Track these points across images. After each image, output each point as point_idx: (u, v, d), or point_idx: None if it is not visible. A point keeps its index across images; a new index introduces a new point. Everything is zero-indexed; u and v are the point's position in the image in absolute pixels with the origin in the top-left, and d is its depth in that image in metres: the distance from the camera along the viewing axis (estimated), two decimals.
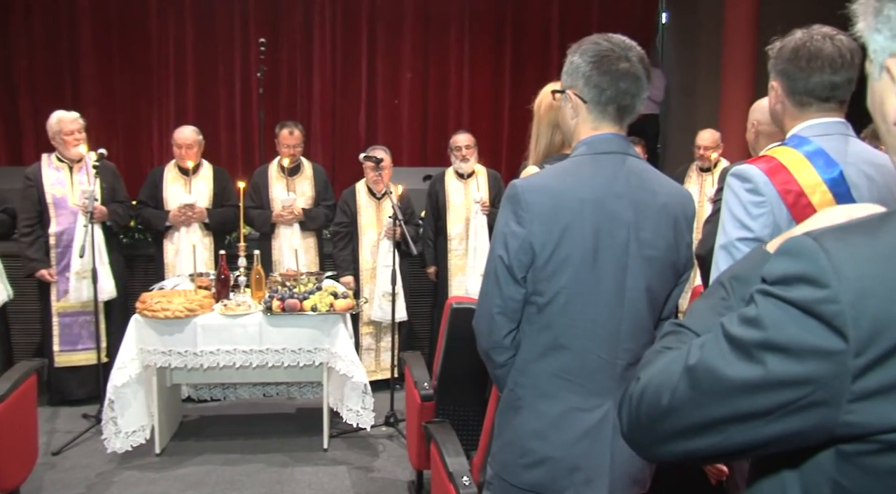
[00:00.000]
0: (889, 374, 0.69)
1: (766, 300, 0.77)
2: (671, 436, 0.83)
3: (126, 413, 3.61)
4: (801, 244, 0.75)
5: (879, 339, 0.69)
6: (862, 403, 0.71)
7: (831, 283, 0.71)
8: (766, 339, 0.75)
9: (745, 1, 6.08)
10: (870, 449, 0.73)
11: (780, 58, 1.71)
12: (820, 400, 0.72)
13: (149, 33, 6.82)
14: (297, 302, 3.73)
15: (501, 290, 1.59)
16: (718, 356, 0.79)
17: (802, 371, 0.73)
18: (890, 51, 0.81)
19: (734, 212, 1.68)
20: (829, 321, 0.71)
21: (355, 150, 6.26)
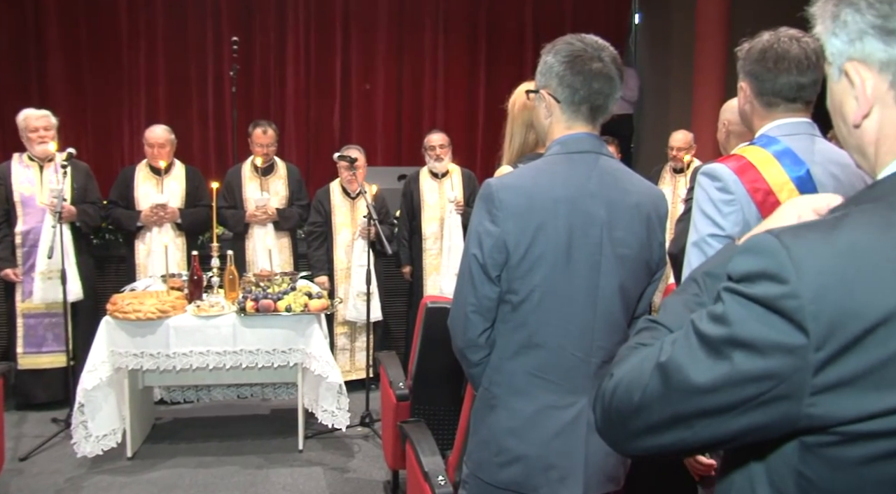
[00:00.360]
0: (847, 367, 0.71)
1: (731, 297, 0.78)
2: (642, 432, 0.85)
3: (97, 416, 3.56)
4: (763, 241, 0.77)
5: (838, 333, 0.71)
6: (823, 396, 0.73)
7: (791, 279, 0.73)
8: (731, 335, 0.77)
9: (716, 2, 6.15)
10: (831, 441, 0.74)
11: (748, 59, 1.75)
12: (783, 394, 0.74)
13: (119, 31, 6.73)
14: (272, 303, 3.70)
15: (476, 289, 1.59)
16: (688, 353, 0.80)
17: (766, 366, 0.74)
18: (847, 55, 0.82)
19: (705, 210, 1.70)
20: (790, 316, 0.73)
21: (329, 150, 6.22)
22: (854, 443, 0.73)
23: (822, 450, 0.75)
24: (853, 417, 0.72)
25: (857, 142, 0.86)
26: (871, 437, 0.72)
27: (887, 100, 0.80)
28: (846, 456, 0.74)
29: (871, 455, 0.73)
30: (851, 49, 0.82)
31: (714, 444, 0.82)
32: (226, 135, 6.86)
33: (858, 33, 0.80)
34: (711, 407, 0.78)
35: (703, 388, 0.78)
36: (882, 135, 0.82)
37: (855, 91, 0.83)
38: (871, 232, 0.73)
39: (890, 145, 0.81)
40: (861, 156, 0.87)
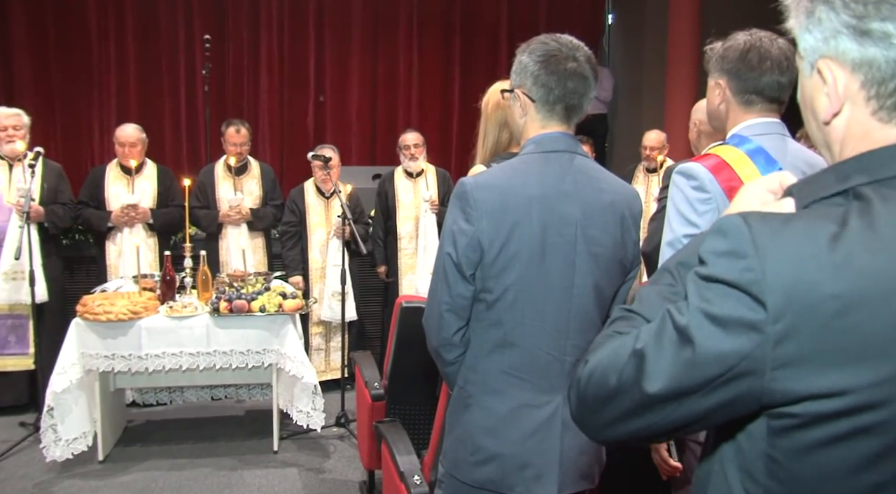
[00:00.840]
0: (804, 342, 0.73)
1: (697, 280, 0.81)
2: (617, 417, 0.86)
3: (66, 419, 3.50)
4: (729, 221, 0.79)
5: (794, 305, 0.73)
6: (783, 370, 0.75)
7: (749, 254, 0.76)
8: (696, 315, 0.79)
9: (688, 3, 6.22)
10: (794, 424, 0.76)
11: (727, 57, 1.75)
12: (747, 369, 0.76)
13: (88, 29, 6.64)
14: (245, 303, 3.67)
15: (450, 288, 1.59)
16: (660, 340, 0.82)
17: (730, 342, 0.76)
18: (820, 52, 0.83)
19: (680, 209, 1.71)
20: (748, 289, 0.75)
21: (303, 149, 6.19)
22: (816, 425, 0.75)
23: (789, 434, 0.77)
24: (813, 393, 0.74)
25: (825, 139, 0.87)
26: (831, 417, 0.74)
27: (857, 100, 0.82)
28: (810, 439, 0.76)
29: (834, 436, 0.74)
30: (825, 47, 0.82)
31: (685, 425, 0.83)
32: (198, 134, 6.80)
33: (833, 31, 0.81)
34: (681, 389, 0.80)
35: (673, 370, 0.80)
36: (849, 133, 0.83)
37: (827, 88, 0.84)
38: (826, 219, 0.76)
39: (854, 144, 0.83)
40: (827, 151, 0.88)
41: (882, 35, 0.77)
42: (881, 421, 0.73)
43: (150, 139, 4.71)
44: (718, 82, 1.78)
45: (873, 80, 0.80)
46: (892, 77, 0.79)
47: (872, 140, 0.81)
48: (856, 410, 0.73)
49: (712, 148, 1.80)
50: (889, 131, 0.80)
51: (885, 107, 0.80)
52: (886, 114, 0.80)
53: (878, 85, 0.80)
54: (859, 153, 0.82)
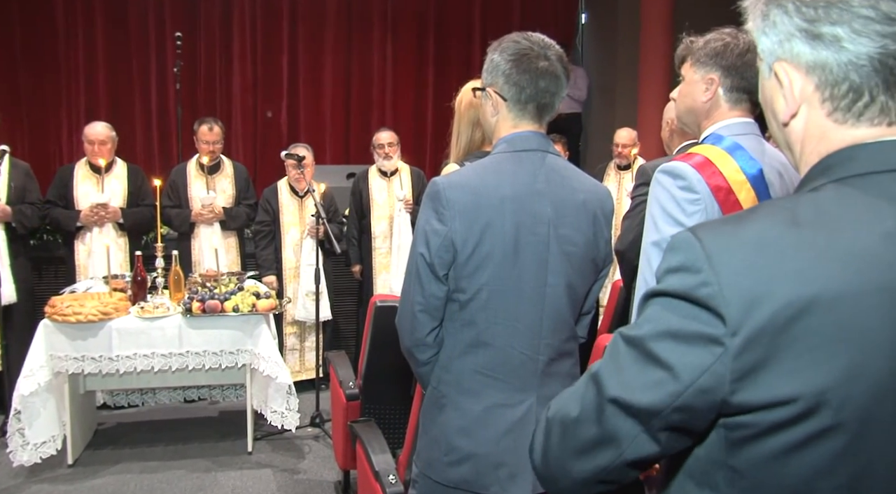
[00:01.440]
0: (761, 352, 0.74)
1: (653, 300, 0.82)
2: (581, 451, 0.85)
3: (34, 423, 3.44)
4: (680, 238, 0.80)
5: (750, 318, 0.74)
6: (742, 382, 0.75)
7: (703, 268, 0.76)
8: (653, 333, 0.80)
9: (660, 2, 6.27)
10: (751, 434, 0.77)
11: (726, 54, 1.73)
12: (708, 384, 0.76)
13: (55, 25, 6.52)
14: (218, 304, 3.64)
15: (423, 288, 1.59)
16: (616, 357, 0.83)
17: (690, 357, 0.77)
18: (777, 55, 0.84)
19: (667, 209, 1.68)
20: (706, 303, 0.75)
21: (277, 148, 6.15)
22: (772, 434, 0.75)
23: (746, 444, 0.78)
24: (768, 401, 0.74)
25: (785, 139, 0.89)
26: (787, 425, 0.74)
27: (813, 102, 0.83)
28: (768, 448, 0.76)
29: (791, 444, 0.75)
30: (780, 49, 0.84)
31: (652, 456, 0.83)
32: (170, 133, 6.71)
33: (787, 35, 0.82)
34: (645, 407, 0.80)
35: (634, 390, 0.80)
36: (807, 134, 0.85)
37: (783, 91, 0.85)
38: (775, 224, 0.77)
39: (814, 145, 0.84)
40: (789, 151, 0.90)
41: (832, 39, 0.79)
42: (834, 425, 0.73)
43: (121, 138, 4.63)
44: (711, 77, 1.75)
45: (826, 83, 0.81)
46: (843, 79, 0.80)
47: (830, 140, 0.82)
48: (809, 416, 0.73)
49: (694, 147, 1.79)
50: (845, 132, 0.82)
51: (839, 108, 0.81)
52: (841, 115, 0.81)
53: (832, 87, 0.81)
54: (819, 158, 0.83)
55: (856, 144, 0.80)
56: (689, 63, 1.82)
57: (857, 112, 0.80)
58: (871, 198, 0.77)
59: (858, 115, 0.81)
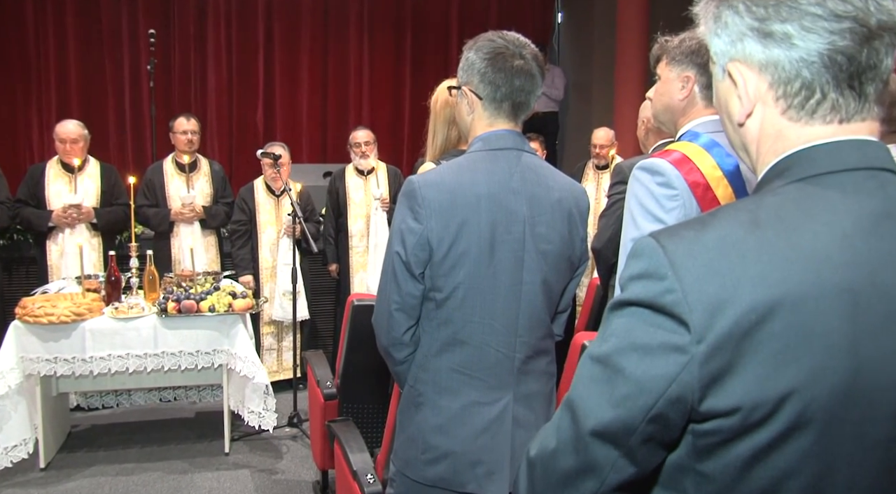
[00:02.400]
0: (727, 358, 0.74)
1: (617, 310, 0.81)
2: (564, 483, 0.84)
3: (5, 426, 3.38)
4: (643, 243, 0.80)
5: (715, 324, 0.73)
6: (709, 389, 0.75)
7: (668, 275, 0.76)
8: (618, 347, 0.79)
9: (636, 2, 6.32)
10: (718, 441, 0.77)
11: (702, 52, 1.73)
12: (676, 393, 0.76)
13: (24, 22, 6.41)
14: (194, 304, 3.61)
15: (399, 287, 1.59)
16: (585, 380, 0.82)
17: (657, 368, 0.76)
18: (729, 55, 0.85)
19: (646, 206, 1.68)
20: (671, 311, 0.75)
21: (253, 146, 6.11)
22: (739, 439, 0.76)
23: (714, 450, 0.78)
24: (735, 407, 0.74)
25: (741, 140, 0.89)
26: (752, 429, 0.75)
27: (767, 101, 0.84)
28: (735, 453, 0.76)
29: (757, 448, 0.75)
30: (733, 50, 0.84)
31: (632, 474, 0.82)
32: (144, 131, 6.64)
33: (739, 35, 0.83)
34: (619, 425, 0.79)
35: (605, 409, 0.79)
36: (763, 134, 0.85)
37: (738, 91, 0.86)
38: (737, 226, 0.77)
39: (770, 144, 0.85)
40: (745, 153, 0.90)
41: (783, 36, 0.80)
42: (800, 426, 0.74)
43: (94, 136, 4.57)
44: (687, 75, 1.77)
45: (779, 81, 0.82)
46: (796, 77, 0.80)
47: (786, 139, 0.83)
48: (776, 419, 0.74)
49: (672, 144, 1.81)
50: (800, 130, 0.82)
51: (793, 106, 0.82)
52: (795, 112, 0.82)
53: (785, 85, 0.81)
54: (776, 157, 0.84)
55: (813, 145, 0.81)
56: (664, 62, 1.83)
57: (810, 109, 0.81)
58: (830, 199, 0.78)
59: (811, 113, 0.81)
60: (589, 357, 0.83)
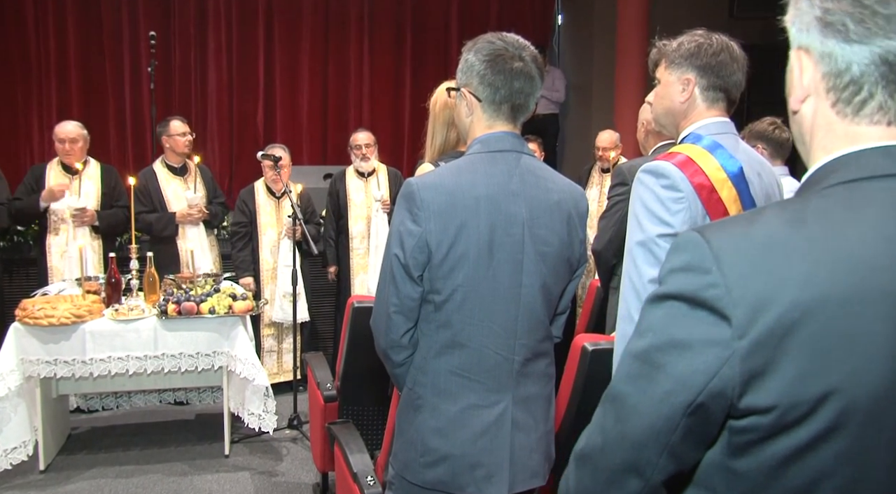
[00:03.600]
0: (769, 354, 0.74)
1: (655, 304, 0.81)
2: (611, 481, 0.84)
3: (4, 428, 3.38)
4: (687, 237, 0.80)
5: (758, 320, 0.74)
6: (749, 384, 0.75)
7: (712, 269, 0.76)
8: (657, 343, 0.79)
9: (636, 5, 6.32)
10: (755, 438, 0.77)
11: (701, 54, 1.75)
12: (717, 388, 0.76)
13: (25, 23, 6.41)
14: (194, 305, 3.60)
15: (398, 289, 1.58)
16: (626, 376, 0.82)
17: (698, 364, 0.76)
18: (798, 42, 0.85)
19: (651, 208, 1.68)
20: (713, 305, 0.76)
21: (253, 148, 6.11)
22: (777, 437, 0.76)
23: (750, 448, 0.78)
24: (775, 404, 0.74)
25: (797, 130, 0.89)
26: (791, 427, 0.74)
27: (820, 91, 0.84)
28: (772, 451, 0.76)
29: (796, 447, 0.75)
30: (801, 37, 0.84)
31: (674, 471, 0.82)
32: (144, 133, 6.64)
33: (807, 23, 0.83)
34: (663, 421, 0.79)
35: (643, 405, 0.80)
36: (815, 124, 0.85)
37: (794, 78, 0.86)
38: (783, 225, 0.77)
39: (821, 138, 0.85)
40: (801, 144, 0.90)
41: (842, 29, 0.80)
42: (837, 428, 0.74)
43: (94, 138, 4.57)
44: (687, 78, 1.77)
45: (831, 73, 0.82)
46: (846, 71, 0.81)
47: (835, 134, 0.83)
48: (813, 419, 0.74)
49: (675, 147, 1.80)
50: (847, 127, 0.82)
51: (841, 99, 0.82)
52: (843, 107, 0.82)
53: (835, 77, 0.82)
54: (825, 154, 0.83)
55: (861, 148, 0.81)
56: (663, 66, 1.83)
57: (857, 106, 0.81)
58: (876, 203, 0.78)
59: (857, 110, 0.81)
60: (628, 353, 0.83)
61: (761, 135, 3.31)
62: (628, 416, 0.81)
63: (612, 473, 0.84)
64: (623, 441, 0.82)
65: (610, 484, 0.84)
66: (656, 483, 0.82)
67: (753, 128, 3.36)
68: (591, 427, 0.88)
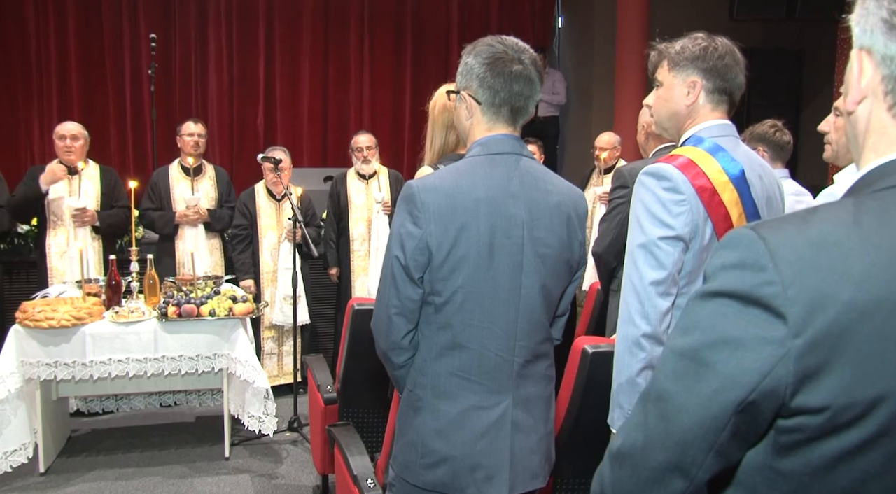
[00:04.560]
0: (824, 354, 0.73)
1: (704, 301, 0.79)
2: (653, 480, 0.82)
3: (4, 431, 3.38)
4: (740, 233, 0.78)
5: (815, 320, 0.72)
6: (803, 385, 0.74)
7: (768, 267, 0.75)
8: (709, 340, 0.78)
9: (636, 7, 6.32)
10: (803, 438, 0.76)
11: (707, 57, 1.75)
12: (769, 387, 0.75)
13: (26, 25, 6.42)
14: (194, 308, 3.60)
15: (399, 291, 1.59)
16: (671, 373, 0.81)
17: (751, 362, 0.75)
18: (860, 43, 0.84)
19: (652, 211, 1.68)
20: (768, 303, 0.74)
21: (253, 150, 6.12)
22: (825, 438, 0.74)
23: (796, 448, 0.77)
24: (827, 404, 0.73)
25: (851, 131, 0.88)
26: (841, 429, 0.73)
27: (878, 94, 0.83)
28: (819, 452, 0.75)
29: (844, 448, 0.74)
30: (864, 37, 0.83)
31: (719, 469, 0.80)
32: (145, 135, 6.65)
33: (872, 24, 0.82)
34: (710, 420, 0.77)
35: (694, 405, 0.78)
36: (870, 127, 0.84)
37: (853, 78, 0.85)
38: (839, 225, 0.76)
39: (875, 141, 0.84)
40: (854, 145, 0.88)
41: None
42: (890, 429, 0.73)
43: (94, 140, 4.57)
44: (693, 81, 1.77)
45: (891, 77, 0.81)
46: None
47: (888, 137, 0.82)
48: (866, 420, 0.73)
49: (676, 149, 1.79)
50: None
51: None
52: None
53: (895, 82, 0.81)
54: (877, 156, 0.82)
55: None
56: (665, 68, 1.83)
57: None
58: None
59: None
60: (672, 350, 0.81)
61: (762, 138, 3.31)
62: (674, 414, 0.79)
63: (654, 472, 0.82)
64: (667, 440, 0.80)
65: (652, 484, 0.82)
66: (701, 482, 0.81)
67: (754, 130, 3.36)
68: (629, 424, 0.86)
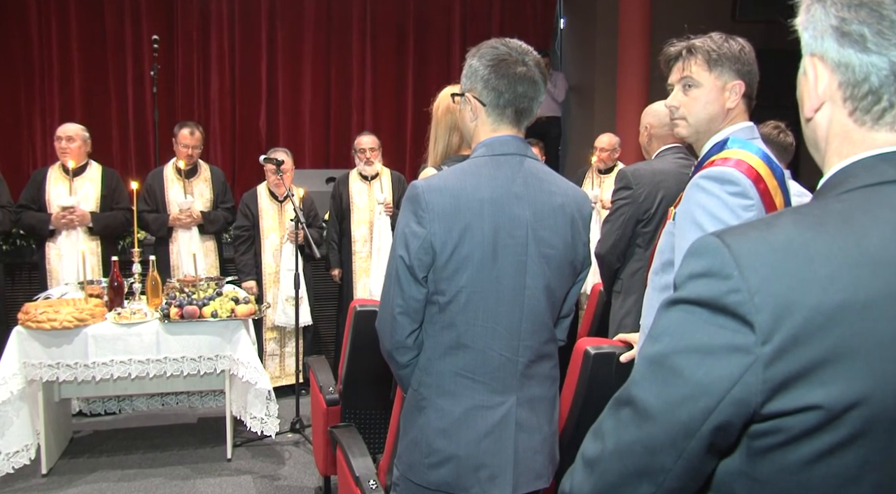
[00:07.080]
0: (794, 362, 0.72)
1: (672, 309, 0.79)
2: (619, 485, 0.82)
3: (7, 432, 3.38)
4: (706, 242, 0.78)
5: (782, 326, 0.72)
6: (772, 391, 0.73)
7: (733, 274, 0.74)
8: (675, 348, 0.77)
9: (638, 9, 6.32)
10: (776, 443, 0.75)
11: (745, 59, 1.74)
12: (739, 395, 0.74)
13: (28, 27, 6.43)
14: (196, 309, 3.60)
15: (403, 290, 1.59)
16: (641, 380, 0.81)
17: (720, 369, 0.75)
18: (811, 49, 0.85)
19: (717, 215, 1.64)
20: (735, 311, 0.74)
21: (256, 152, 6.11)
22: (798, 443, 0.74)
23: (769, 453, 0.76)
24: (797, 408, 0.73)
25: (812, 136, 0.88)
26: (813, 433, 0.73)
27: (836, 100, 0.83)
28: (792, 457, 0.75)
29: (817, 452, 0.74)
30: (814, 44, 0.84)
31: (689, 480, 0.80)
32: (147, 136, 6.65)
33: (821, 30, 0.82)
34: (681, 427, 0.77)
35: (660, 410, 0.78)
36: (831, 133, 0.84)
37: (809, 85, 0.85)
38: (804, 229, 0.76)
39: (837, 145, 0.84)
40: (815, 150, 0.89)
41: (859, 38, 0.79)
42: (863, 433, 0.72)
43: (97, 142, 4.58)
44: (737, 83, 1.74)
45: (848, 82, 0.81)
46: (864, 80, 0.80)
47: (852, 141, 0.82)
48: (839, 424, 0.72)
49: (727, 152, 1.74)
50: (866, 134, 0.82)
51: (859, 109, 0.81)
52: (862, 116, 0.81)
53: (853, 87, 0.81)
54: (841, 160, 0.83)
55: (878, 153, 0.80)
56: (701, 65, 1.77)
57: (876, 115, 0.81)
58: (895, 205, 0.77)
59: (877, 119, 0.81)
60: (643, 357, 0.81)
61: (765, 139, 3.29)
62: (642, 421, 0.79)
63: (621, 477, 0.82)
64: (635, 446, 0.80)
65: (618, 488, 0.83)
66: (668, 490, 0.80)
67: None
68: (598, 428, 0.86)
